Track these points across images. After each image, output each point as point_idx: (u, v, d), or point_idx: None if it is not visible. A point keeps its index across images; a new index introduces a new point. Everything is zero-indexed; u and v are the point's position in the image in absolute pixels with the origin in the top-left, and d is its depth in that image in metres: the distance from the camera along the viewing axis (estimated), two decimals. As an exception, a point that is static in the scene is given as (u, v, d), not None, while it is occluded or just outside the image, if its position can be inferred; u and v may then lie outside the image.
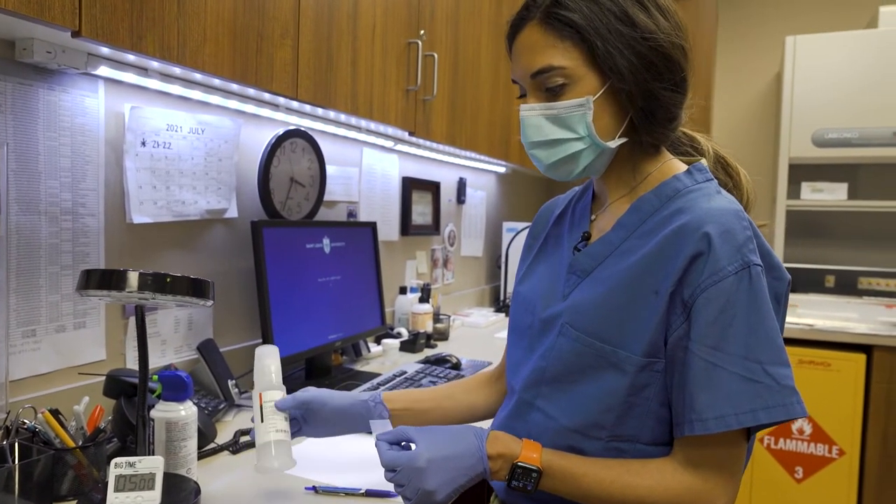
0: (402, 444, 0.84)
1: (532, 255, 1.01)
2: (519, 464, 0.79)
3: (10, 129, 1.06)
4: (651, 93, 0.80)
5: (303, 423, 1.00)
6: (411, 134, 1.66)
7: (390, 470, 0.80)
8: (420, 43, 1.60)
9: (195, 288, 0.81)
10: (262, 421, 0.91)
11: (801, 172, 2.97)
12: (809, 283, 3.11)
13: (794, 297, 3.06)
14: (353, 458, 1.17)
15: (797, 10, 3.39)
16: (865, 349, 2.66)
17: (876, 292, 2.97)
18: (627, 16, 0.79)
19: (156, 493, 0.86)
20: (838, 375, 2.68)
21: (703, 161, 0.91)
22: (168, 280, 0.77)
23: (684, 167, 0.88)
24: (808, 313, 2.97)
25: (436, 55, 1.69)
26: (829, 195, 2.91)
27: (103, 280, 0.77)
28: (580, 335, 0.83)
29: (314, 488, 1.03)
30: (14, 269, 1.08)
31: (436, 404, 1.05)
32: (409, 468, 0.78)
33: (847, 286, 3.04)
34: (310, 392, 0.99)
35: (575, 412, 0.83)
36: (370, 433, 0.89)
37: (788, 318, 2.87)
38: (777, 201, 2.92)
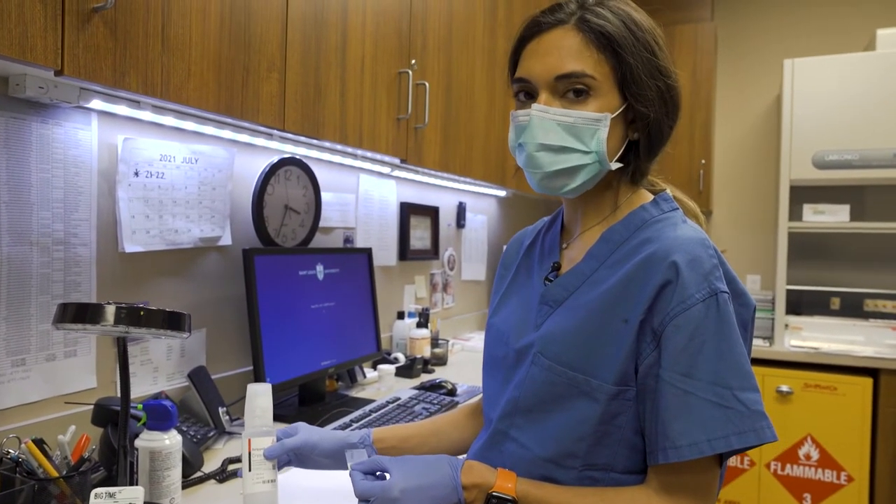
0: (377, 473, 0.84)
1: (504, 287, 1.02)
2: (494, 493, 0.78)
3: (4, 163, 1.08)
4: (659, 126, 0.84)
5: (293, 460, 0.98)
6: (403, 161, 1.68)
7: (364, 500, 0.80)
8: (410, 72, 1.63)
9: (170, 321, 0.82)
10: (249, 470, 0.91)
11: (803, 194, 2.96)
12: (814, 305, 3.08)
13: (798, 320, 3.03)
14: (334, 487, 1.16)
15: (795, 34, 3.41)
16: (872, 372, 2.62)
17: (882, 315, 2.94)
18: (652, 51, 0.82)
19: (136, 524, 0.86)
20: (845, 399, 2.64)
21: (668, 191, 0.92)
22: (142, 313, 0.78)
23: (650, 197, 0.90)
24: (814, 336, 2.94)
25: (427, 84, 1.71)
26: (831, 217, 2.90)
27: (78, 314, 0.78)
28: (552, 364, 0.83)
29: (297, 518, 1.03)
30: (4, 299, 1.10)
31: (422, 441, 1.04)
32: (382, 498, 0.78)
33: (852, 308, 3.00)
34: (300, 437, 0.94)
35: (548, 442, 0.83)
36: None
37: (793, 342, 2.85)
38: (779, 223, 2.90)
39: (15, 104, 1.09)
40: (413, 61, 1.65)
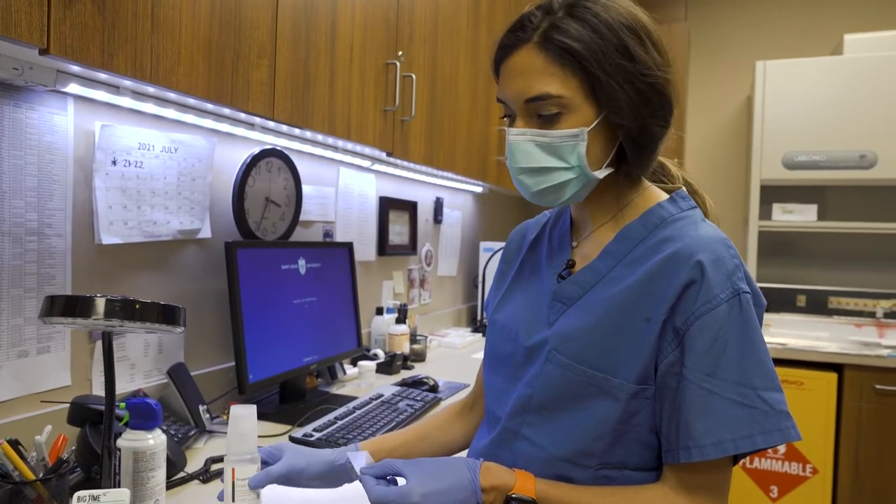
0: (388, 477, 0.81)
1: (507, 283, 1.00)
2: (513, 496, 0.77)
3: (-26, 148, 1.02)
4: (645, 128, 0.80)
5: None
6: (389, 154, 1.65)
7: None
8: (398, 64, 1.60)
9: (166, 314, 0.78)
10: (232, 500, 0.87)
11: (773, 194, 3.02)
12: (781, 302, 3.15)
13: (767, 317, 3.10)
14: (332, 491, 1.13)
15: (767, 35, 3.48)
16: (837, 368, 2.70)
17: (846, 312, 3.03)
18: (627, 50, 0.77)
19: (121, 528, 0.82)
20: (811, 394, 2.71)
21: (684, 189, 0.91)
22: (137, 307, 0.74)
23: (665, 195, 0.89)
24: (781, 332, 3.01)
25: (414, 76, 1.68)
26: (799, 216, 2.97)
27: (68, 307, 0.73)
28: (570, 362, 0.82)
29: (288, 519, 1.00)
30: (-26, 292, 1.04)
31: (410, 448, 1.01)
32: None
33: (818, 306, 3.09)
34: (285, 462, 0.88)
35: (564, 440, 0.82)
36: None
37: (762, 338, 2.92)
38: (749, 222, 2.96)
39: (-13, 86, 1.03)
40: (400, 52, 1.62)
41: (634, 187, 0.89)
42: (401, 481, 0.78)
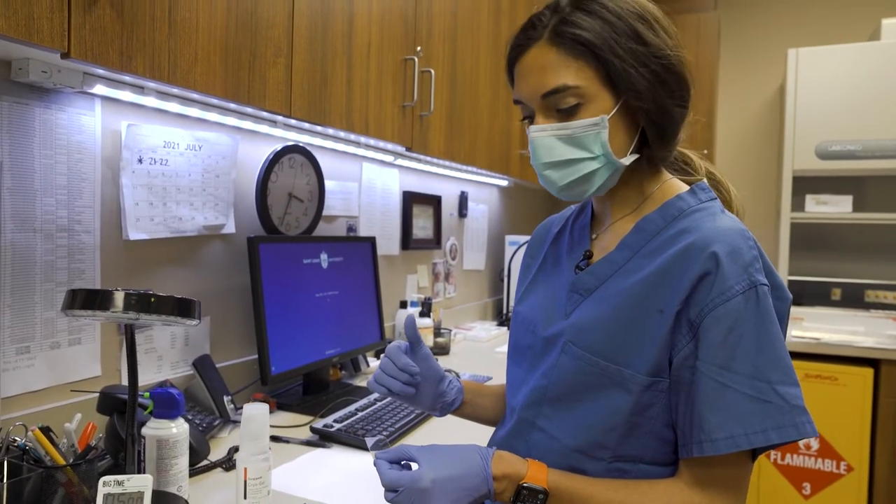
0: (402, 462, 0.82)
1: (531, 275, 1.01)
2: (525, 485, 0.77)
3: (6, 148, 1.07)
4: (665, 109, 0.81)
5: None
6: (408, 149, 1.67)
7: (391, 490, 0.78)
8: (416, 59, 1.61)
9: (181, 307, 0.81)
10: (245, 497, 0.91)
11: (805, 185, 2.95)
12: (815, 296, 3.08)
13: (800, 311, 3.04)
14: (343, 475, 1.16)
15: (800, 23, 3.39)
16: (873, 363, 2.62)
17: (883, 305, 2.94)
18: (638, 34, 0.79)
19: (144, 512, 0.85)
20: (845, 390, 2.65)
21: (705, 181, 0.91)
22: (153, 300, 0.77)
23: (686, 186, 0.88)
24: (815, 326, 2.94)
25: (433, 71, 1.69)
26: (833, 208, 2.89)
27: (88, 300, 0.77)
28: (584, 354, 0.82)
29: (306, 507, 1.03)
30: (9, 286, 1.09)
31: (492, 402, 1.06)
32: (412, 489, 0.76)
33: (854, 299, 3.01)
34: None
35: (577, 431, 0.82)
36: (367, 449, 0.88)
37: (794, 332, 2.85)
38: (781, 214, 2.90)
39: (18, 89, 1.07)
40: (419, 48, 1.63)
41: (655, 179, 0.89)
42: (414, 467, 0.80)
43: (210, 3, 1.03)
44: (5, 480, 0.90)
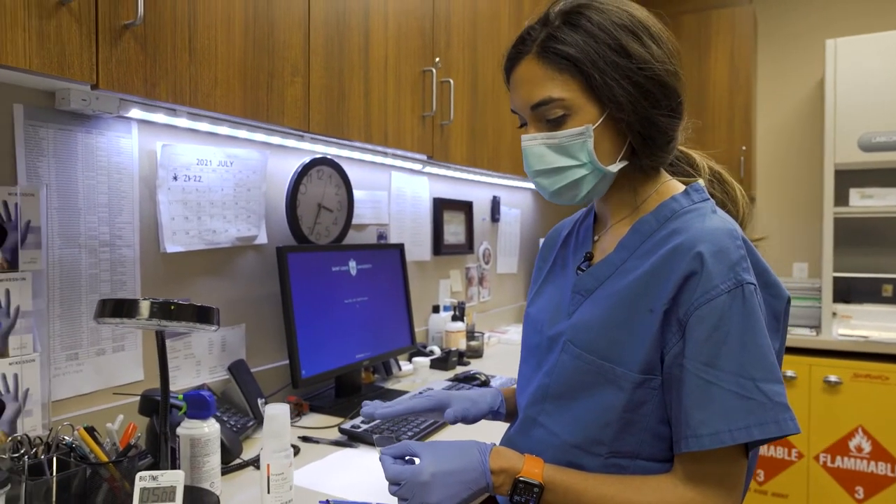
0: (407, 458, 0.87)
1: (542, 277, 1.05)
2: (521, 479, 0.81)
3: (53, 171, 1.17)
4: (649, 119, 0.83)
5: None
6: (429, 158, 1.71)
7: (394, 483, 0.83)
8: (434, 70, 1.66)
9: (199, 314, 0.87)
10: (268, 492, 0.97)
11: (849, 178, 2.86)
12: (864, 293, 2.97)
13: (848, 308, 2.94)
14: (365, 473, 1.21)
15: (839, 14, 3.29)
16: (925, 361, 2.52)
17: (938, 301, 2.82)
18: (622, 47, 0.81)
19: (176, 505, 0.92)
20: (897, 390, 2.55)
21: (701, 181, 0.92)
22: (172, 308, 0.84)
23: (682, 188, 0.90)
24: (863, 324, 2.84)
25: (452, 81, 1.74)
26: (879, 201, 2.79)
27: (116, 309, 0.84)
28: (581, 352, 0.85)
29: (327, 502, 1.08)
30: (58, 298, 1.19)
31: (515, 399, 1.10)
32: (413, 482, 0.81)
33: (906, 295, 2.89)
34: (458, 408, 1.00)
35: (575, 428, 0.85)
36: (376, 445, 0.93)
37: (841, 330, 2.76)
38: (824, 209, 2.82)
39: (61, 116, 1.17)
40: (437, 59, 1.68)
41: (652, 181, 0.91)
42: (417, 462, 0.84)
43: (228, 30, 1.10)
44: (54, 474, 0.98)
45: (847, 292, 3.02)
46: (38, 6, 0.81)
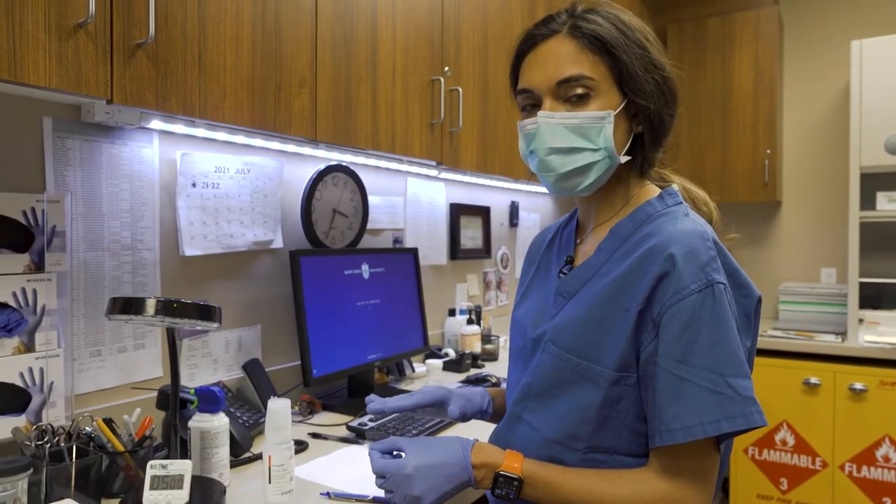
0: (394, 453, 0.92)
1: (527, 281, 1.08)
2: (501, 472, 0.85)
3: (79, 179, 1.25)
4: (660, 116, 0.90)
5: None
6: (438, 164, 1.76)
7: (380, 476, 0.88)
8: (443, 80, 1.70)
9: (202, 312, 0.94)
10: (269, 482, 1.03)
11: (876, 182, 2.80)
12: (891, 299, 2.90)
13: (875, 314, 2.88)
14: (368, 468, 1.25)
15: (865, 16, 3.23)
16: (955, 370, 2.46)
17: (971, 308, 2.73)
18: (644, 47, 0.88)
19: (184, 493, 0.98)
20: (926, 398, 2.49)
21: (675, 186, 0.95)
22: (175, 305, 0.90)
23: (657, 192, 0.94)
24: (891, 331, 2.78)
25: (461, 89, 1.78)
26: (908, 205, 2.73)
27: (125, 307, 0.91)
28: (560, 352, 0.89)
29: (328, 494, 1.13)
30: (82, 298, 1.27)
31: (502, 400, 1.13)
32: (397, 475, 0.86)
33: (937, 302, 2.81)
34: (456, 406, 1.02)
35: (555, 424, 0.89)
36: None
37: (868, 337, 2.71)
38: (850, 213, 2.77)
39: (86, 128, 1.25)
40: (446, 68, 1.73)
41: (637, 182, 0.95)
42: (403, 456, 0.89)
43: (236, 46, 1.16)
44: (73, 461, 1.06)
45: (875, 298, 2.96)
46: (57, 29, 0.88)
